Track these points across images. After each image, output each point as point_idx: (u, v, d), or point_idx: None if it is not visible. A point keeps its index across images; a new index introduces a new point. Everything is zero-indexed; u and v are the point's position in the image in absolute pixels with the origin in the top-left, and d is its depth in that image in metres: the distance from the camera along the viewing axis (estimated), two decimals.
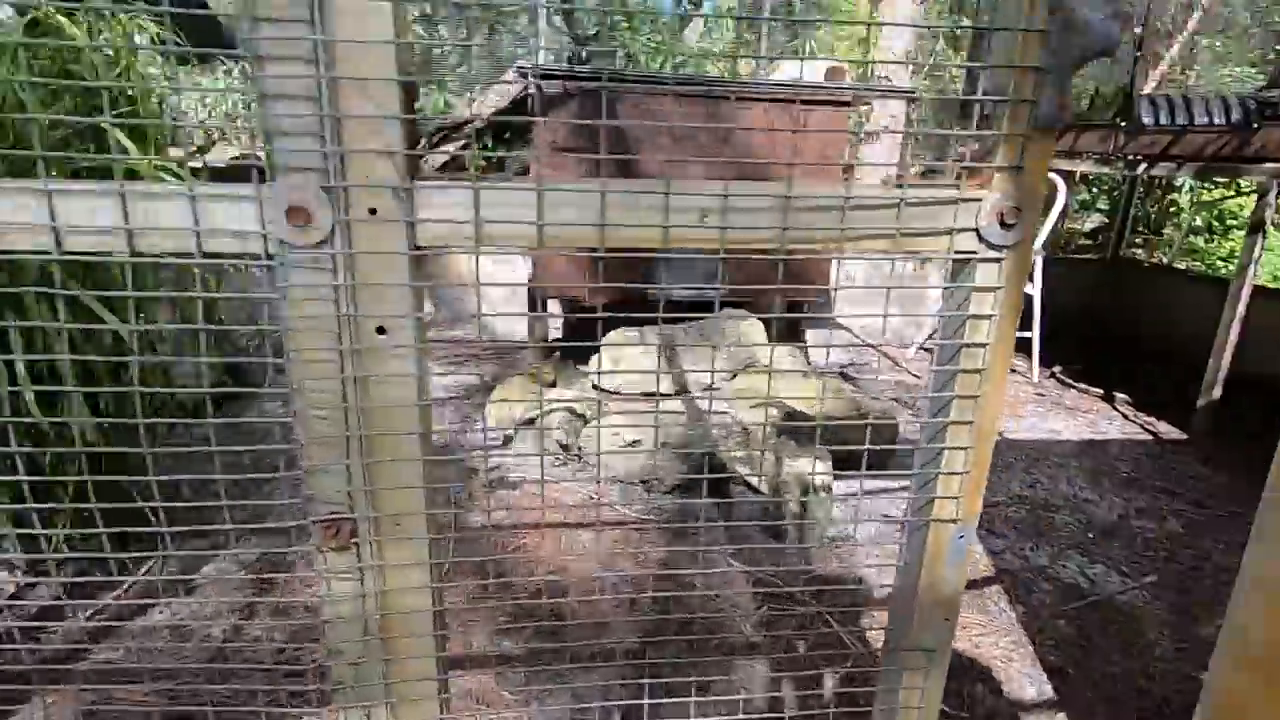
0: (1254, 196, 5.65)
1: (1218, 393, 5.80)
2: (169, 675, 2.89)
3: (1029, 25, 0.99)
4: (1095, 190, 12.13)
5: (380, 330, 1.05)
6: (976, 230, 1.08)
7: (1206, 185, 11.16)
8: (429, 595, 1.17)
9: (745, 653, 3.28)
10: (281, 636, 3.18)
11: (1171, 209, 11.55)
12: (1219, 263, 11.09)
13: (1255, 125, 4.95)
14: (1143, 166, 6.66)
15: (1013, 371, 7.70)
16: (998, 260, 1.10)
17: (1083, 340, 8.63)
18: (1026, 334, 7.29)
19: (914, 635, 1.31)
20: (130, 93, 3.23)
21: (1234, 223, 11.00)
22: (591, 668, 3.14)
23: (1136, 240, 11.19)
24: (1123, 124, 5.69)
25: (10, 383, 2.79)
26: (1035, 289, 7.13)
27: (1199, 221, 11.29)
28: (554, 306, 8.71)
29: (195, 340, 3.66)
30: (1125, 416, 6.59)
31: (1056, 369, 7.66)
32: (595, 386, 5.89)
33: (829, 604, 3.64)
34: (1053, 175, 7.27)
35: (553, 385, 5.90)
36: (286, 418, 1.09)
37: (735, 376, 5.89)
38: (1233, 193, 10.72)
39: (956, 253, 1.10)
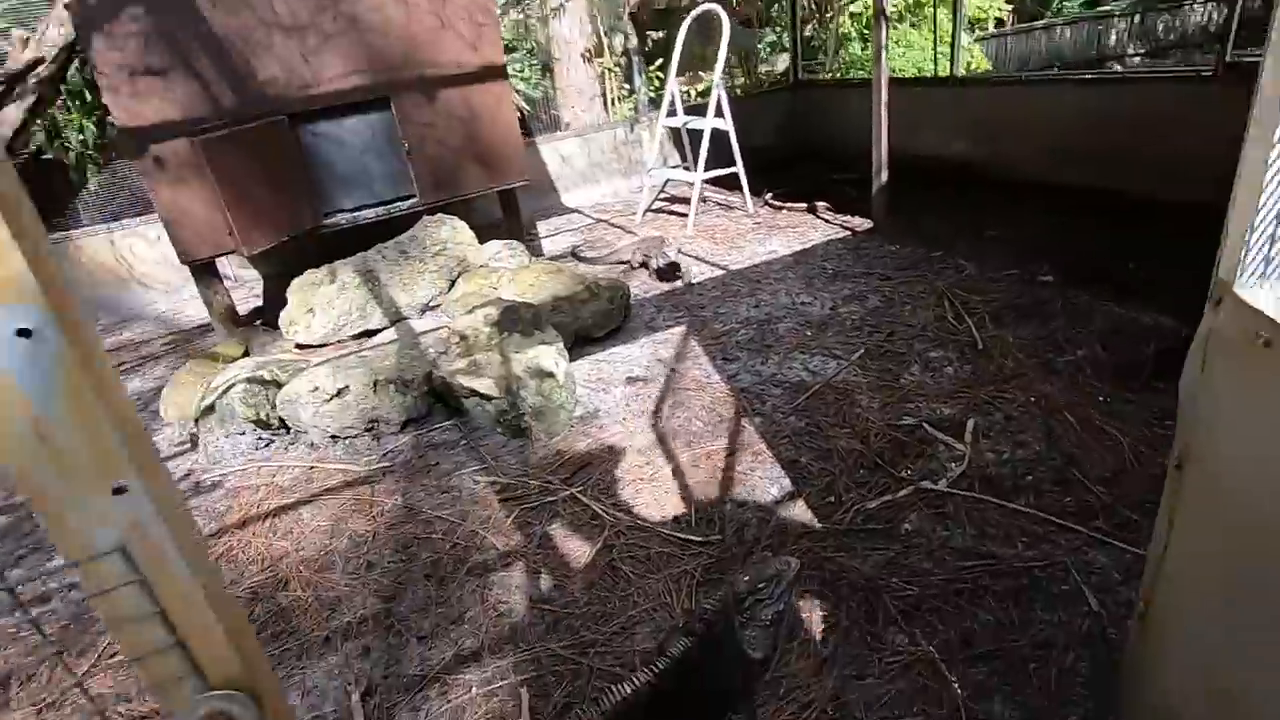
0: None
1: (885, 177, 6.41)
2: None
3: None
4: (779, 27, 12.77)
5: None
6: None
7: None
8: None
9: (502, 565, 3.03)
10: None
11: (832, 24, 12.51)
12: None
13: None
14: None
15: (729, 207, 8.00)
16: None
17: (784, 163, 9.19)
18: (733, 169, 7.51)
19: None
20: None
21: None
22: (324, 654, 2.71)
23: (814, 63, 12.02)
24: None
25: None
26: (728, 124, 7.29)
27: (851, 32, 12.39)
28: (241, 270, 7.42)
29: None
30: (826, 221, 7.13)
31: (767, 195, 8.07)
32: (298, 345, 5.09)
33: (581, 484, 3.49)
34: (714, 5, 7.30)
35: (245, 356, 5.01)
36: None
37: (453, 286, 5.40)
38: None
39: None
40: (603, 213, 8.45)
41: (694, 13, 7.56)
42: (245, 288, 7.22)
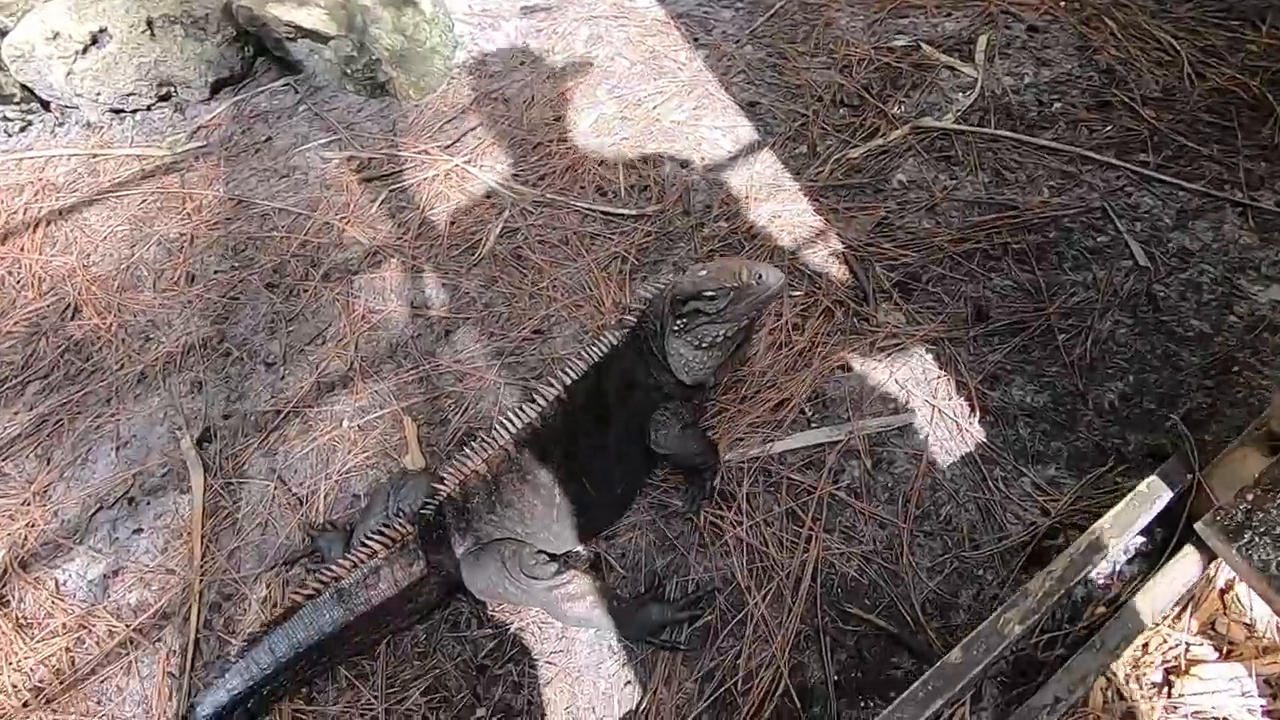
0: None
1: None
2: None
3: None
4: None
5: None
6: None
7: None
8: None
9: (370, 264, 2.26)
10: None
11: None
12: None
13: None
14: None
15: None
16: None
17: None
18: None
19: None
20: None
21: None
22: (141, 394, 2.03)
23: None
24: None
25: None
26: None
27: None
28: None
29: None
30: None
31: None
32: None
33: (469, 152, 2.58)
34: None
35: None
36: None
37: None
38: None
39: None
40: None
41: None
42: None
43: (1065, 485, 1.60)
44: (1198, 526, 1.31)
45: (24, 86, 2.82)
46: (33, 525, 1.83)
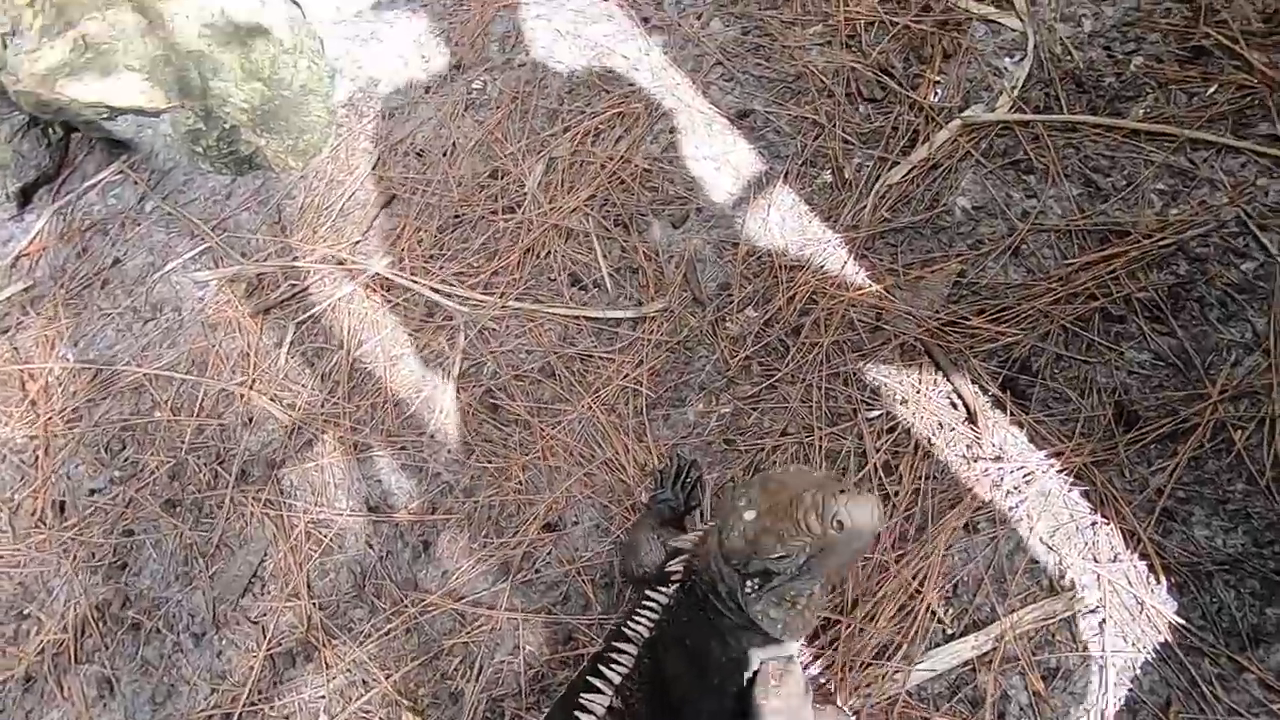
0: None
1: None
2: None
3: None
4: None
5: None
6: None
7: None
8: None
9: (297, 451, 1.70)
10: None
11: None
12: None
13: None
14: None
15: None
16: None
17: None
18: None
19: None
20: None
21: None
22: None
23: None
24: None
25: None
26: None
27: None
28: None
29: None
30: None
31: None
32: None
33: (388, 244, 1.95)
34: None
35: None
36: None
37: None
38: None
39: None
40: None
41: None
42: None
43: None
44: None
45: None
46: None
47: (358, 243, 1.95)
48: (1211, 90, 1.76)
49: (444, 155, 2.06)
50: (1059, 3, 1.98)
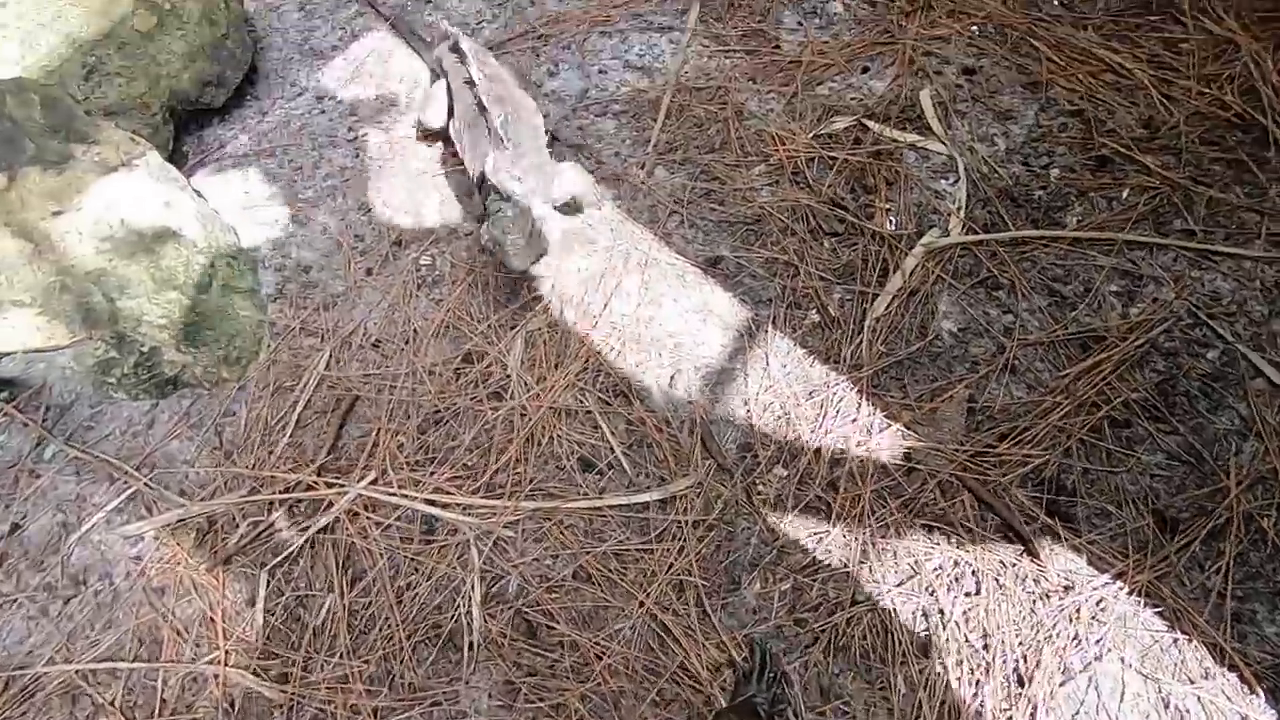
0: None
1: None
2: None
3: None
4: None
5: None
6: None
7: None
8: None
9: None
10: None
11: None
12: None
13: None
14: None
15: None
16: None
17: None
18: None
19: None
20: None
21: None
22: None
23: None
24: None
25: None
26: None
27: None
28: None
29: None
30: None
31: None
32: None
33: (364, 463, 1.74)
34: None
35: None
36: None
37: None
38: None
39: None
40: None
41: None
42: None
43: None
44: None
45: None
46: None
47: (326, 460, 1.72)
48: (1125, 194, 1.97)
49: (405, 343, 1.90)
50: (971, 126, 2.17)
